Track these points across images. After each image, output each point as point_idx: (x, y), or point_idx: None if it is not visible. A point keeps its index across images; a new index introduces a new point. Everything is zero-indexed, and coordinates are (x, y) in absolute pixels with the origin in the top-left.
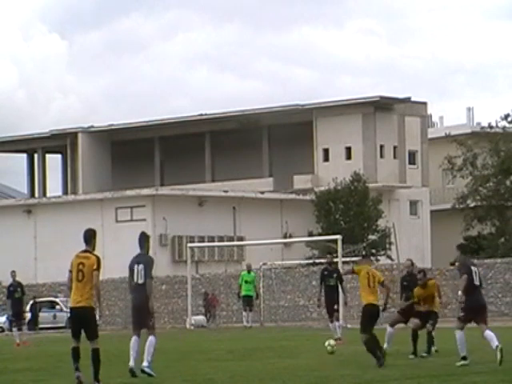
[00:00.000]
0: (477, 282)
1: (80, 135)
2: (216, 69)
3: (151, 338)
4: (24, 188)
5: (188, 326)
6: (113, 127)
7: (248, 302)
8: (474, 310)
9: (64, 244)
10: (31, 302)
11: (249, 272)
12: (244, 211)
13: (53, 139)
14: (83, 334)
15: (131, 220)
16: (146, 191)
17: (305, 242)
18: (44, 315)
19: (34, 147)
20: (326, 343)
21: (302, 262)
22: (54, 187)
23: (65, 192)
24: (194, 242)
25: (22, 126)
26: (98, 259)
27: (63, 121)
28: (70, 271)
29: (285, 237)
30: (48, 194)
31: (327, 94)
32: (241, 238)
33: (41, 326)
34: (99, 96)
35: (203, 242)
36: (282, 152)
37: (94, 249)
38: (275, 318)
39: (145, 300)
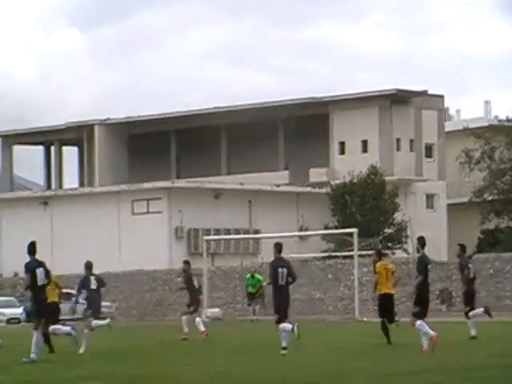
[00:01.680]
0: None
1: (96, 128)
2: (231, 63)
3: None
4: (41, 180)
5: (204, 318)
6: (129, 120)
7: (253, 297)
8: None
9: (80, 236)
10: None
11: (253, 277)
12: (260, 204)
13: (69, 131)
14: None
15: (147, 212)
16: (162, 184)
17: (320, 236)
18: (61, 307)
19: (50, 139)
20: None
21: (318, 255)
22: (71, 179)
23: (81, 184)
24: (209, 234)
25: (42, 119)
26: None
27: (82, 114)
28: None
29: (300, 230)
30: (64, 187)
31: (343, 87)
32: (256, 231)
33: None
34: (117, 89)
35: (219, 234)
36: (298, 145)
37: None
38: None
39: None
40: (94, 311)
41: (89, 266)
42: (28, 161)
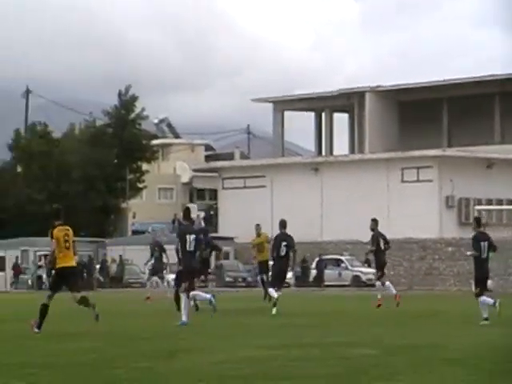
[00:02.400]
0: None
1: (367, 95)
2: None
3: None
4: (311, 146)
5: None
6: (400, 87)
7: None
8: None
9: (349, 202)
10: (317, 259)
11: None
12: None
13: (341, 98)
14: None
15: (417, 181)
16: (432, 152)
17: None
18: (329, 272)
19: (321, 106)
20: None
21: None
22: (341, 146)
23: (351, 151)
24: (481, 204)
25: (314, 86)
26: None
27: (353, 81)
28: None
29: None
30: (335, 153)
31: None
32: None
33: (326, 283)
34: (389, 56)
35: (491, 204)
36: None
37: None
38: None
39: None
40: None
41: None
42: (299, 127)
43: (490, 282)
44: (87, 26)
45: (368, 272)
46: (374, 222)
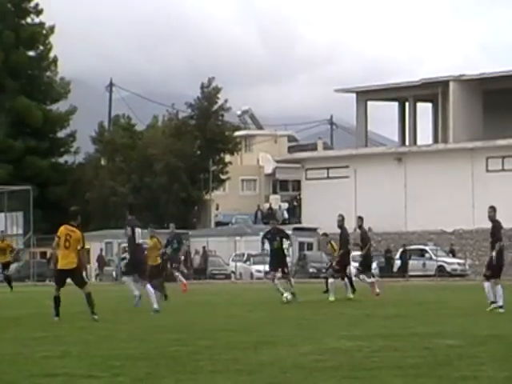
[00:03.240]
0: None
1: (451, 84)
2: None
3: None
4: (395, 136)
5: None
6: (484, 76)
7: None
8: None
9: (433, 192)
10: (401, 249)
11: None
12: None
13: (424, 88)
14: None
15: (502, 170)
16: None
17: None
18: (413, 263)
19: (405, 95)
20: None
21: None
22: (424, 136)
23: (435, 141)
24: None
25: (397, 76)
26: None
27: (436, 70)
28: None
29: None
30: (418, 143)
31: None
32: None
33: (410, 273)
34: (471, 46)
35: None
36: None
37: (78, 225)
38: None
39: None
40: None
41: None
42: (383, 117)
43: None
44: (170, 19)
45: (452, 262)
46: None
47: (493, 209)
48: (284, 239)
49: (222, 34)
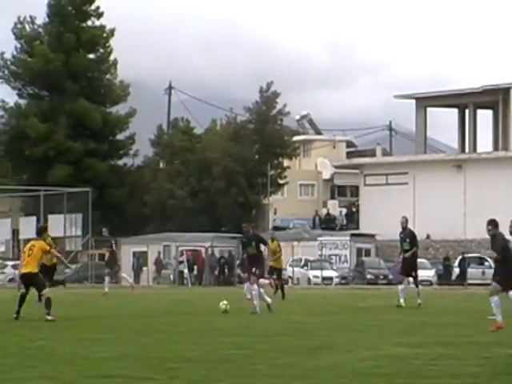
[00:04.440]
0: None
1: None
2: None
3: None
4: (454, 143)
5: None
6: None
7: None
8: None
9: (493, 200)
10: (460, 257)
11: None
12: None
13: (484, 95)
14: None
15: None
16: None
17: None
18: (472, 271)
19: (465, 102)
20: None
21: None
22: (484, 143)
23: (495, 148)
24: None
25: (458, 83)
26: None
27: (498, 77)
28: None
29: None
30: (478, 150)
31: None
32: None
33: (469, 281)
34: None
35: None
36: None
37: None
38: None
39: None
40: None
41: None
42: (442, 123)
43: None
44: (231, 25)
45: None
46: None
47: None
48: (261, 244)
49: (282, 39)
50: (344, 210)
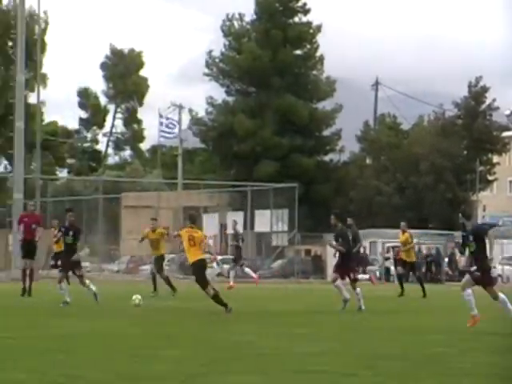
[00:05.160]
0: None
1: None
2: None
3: None
4: None
5: None
6: None
7: None
8: None
9: None
10: None
11: None
12: None
13: None
14: None
15: None
16: None
17: None
18: None
19: None
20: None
21: None
22: None
23: None
24: None
25: None
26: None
27: None
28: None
29: None
30: None
31: None
32: None
33: None
34: None
35: None
36: None
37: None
38: None
39: None
40: None
41: None
42: None
43: None
44: (439, 21)
45: None
46: None
47: None
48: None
49: (491, 34)
50: None
